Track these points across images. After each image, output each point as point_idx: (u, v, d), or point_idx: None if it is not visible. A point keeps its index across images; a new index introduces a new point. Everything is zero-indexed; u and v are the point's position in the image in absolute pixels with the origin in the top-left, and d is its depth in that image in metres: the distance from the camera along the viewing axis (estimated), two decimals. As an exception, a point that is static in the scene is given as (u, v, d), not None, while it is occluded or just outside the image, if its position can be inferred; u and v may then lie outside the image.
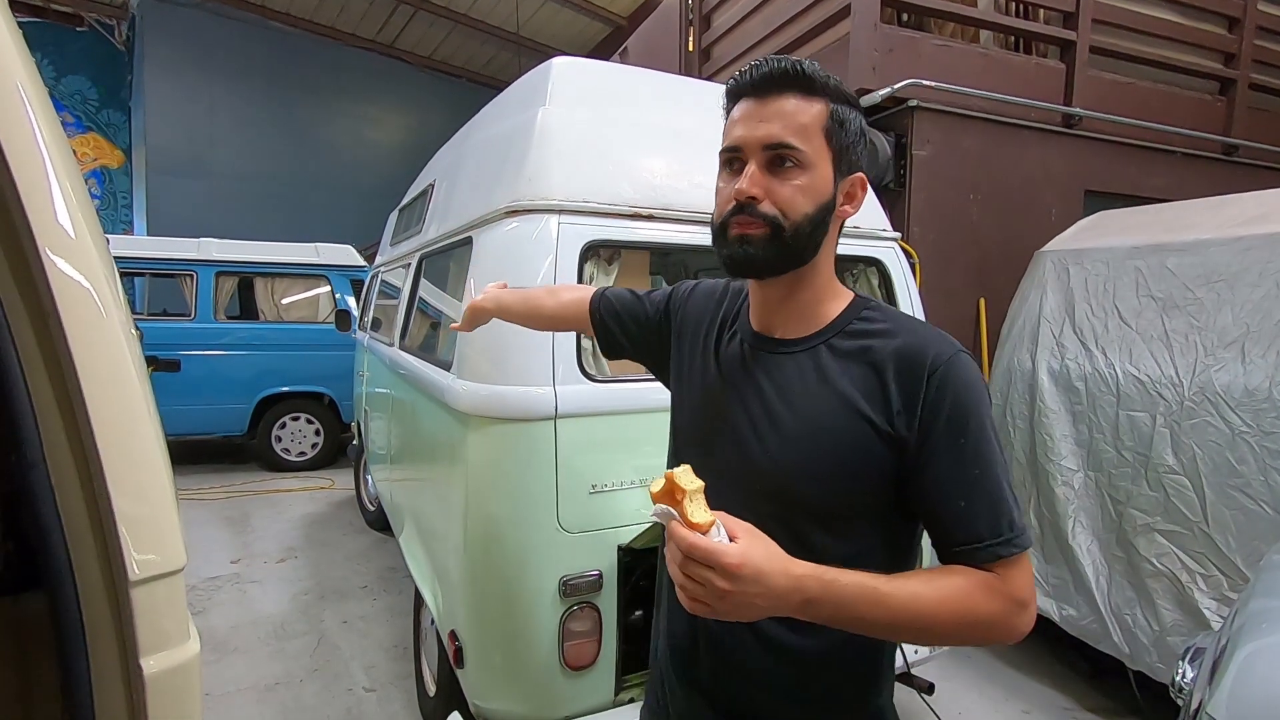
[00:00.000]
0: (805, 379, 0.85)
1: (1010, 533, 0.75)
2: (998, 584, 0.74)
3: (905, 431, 0.78)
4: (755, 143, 0.80)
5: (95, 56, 10.19)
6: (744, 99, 0.83)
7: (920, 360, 0.79)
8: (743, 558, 0.66)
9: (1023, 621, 0.75)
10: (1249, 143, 4.52)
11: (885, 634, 0.75)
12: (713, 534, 0.67)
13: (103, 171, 10.34)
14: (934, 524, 0.79)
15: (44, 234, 0.65)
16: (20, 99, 0.66)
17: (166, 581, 0.69)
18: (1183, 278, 2.36)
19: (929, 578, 0.74)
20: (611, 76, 2.13)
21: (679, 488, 0.67)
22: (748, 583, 0.66)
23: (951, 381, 0.78)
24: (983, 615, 0.73)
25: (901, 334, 0.82)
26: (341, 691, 2.66)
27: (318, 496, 5.23)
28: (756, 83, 0.82)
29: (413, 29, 11.07)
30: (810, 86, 0.80)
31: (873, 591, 0.71)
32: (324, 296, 6.10)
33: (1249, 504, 2.05)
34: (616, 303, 1.15)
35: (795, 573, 0.69)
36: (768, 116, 0.80)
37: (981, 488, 0.76)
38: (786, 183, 0.80)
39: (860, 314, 0.87)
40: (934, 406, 0.77)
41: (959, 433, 0.77)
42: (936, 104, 3.49)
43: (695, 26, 5.09)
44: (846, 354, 0.84)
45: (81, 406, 0.66)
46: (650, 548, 1.80)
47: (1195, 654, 1.41)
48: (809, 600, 0.69)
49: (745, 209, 0.81)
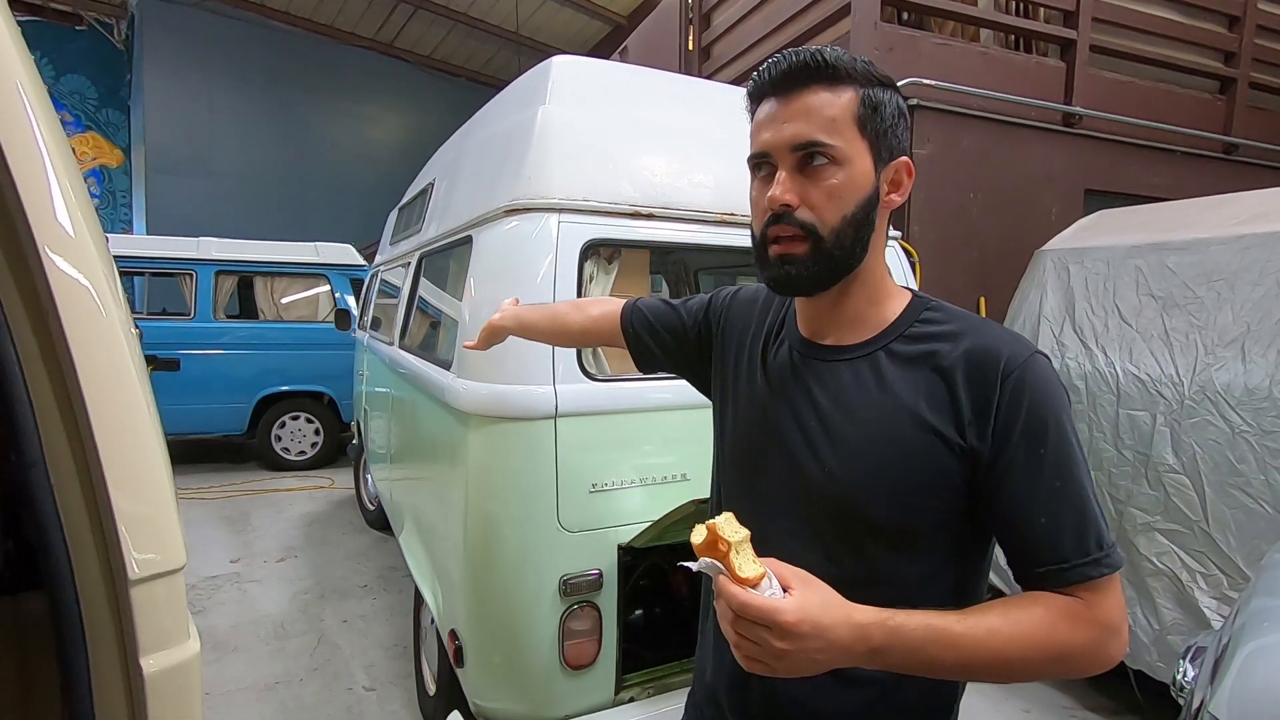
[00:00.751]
0: (864, 388, 0.78)
1: (1099, 551, 0.68)
2: (1084, 610, 0.67)
3: (978, 443, 0.71)
4: (782, 145, 0.75)
5: (94, 55, 10.18)
6: (766, 99, 0.78)
7: (993, 364, 0.72)
8: (800, 614, 0.60)
9: (1115, 649, 0.68)
10: (1249, 141, 4.52)
11: (959, 675, 0.69)
12: (763, 586, 0.62)
13: (102, 170, 10.33)
14: (1012, 543, 0.72)
15: (43, 233, 0.65)
16: (20, 98, 0.66)
17: (166, 580, 0.69)
18: (1183, 276, 2.36)
19: (1005, 610, 0.67)
20: (611, 75, 2.13)
21: (723, 539, 0.62)
22: (808, 639, 0.61)
23: (1028, 386, 0.71)
24: (1069, 648, 0.66)
25: (970, 335, 0.75)
26: (341, 690, 2.66)
27: (317, 496, 5.23)
28: (777, 80, 0.76)
29: (412, 28, 11.07)
30: (835, 75, 0.74)
31: (943, 633, 0.64)
32: (324, 295, 6.09)
33: (1249, 503, 2.05)
34: (650, 313, 1.08)
35: (857, 620, 0.63)
36: (793, 115, 0.74)
37: (1065, 502, 0.69)
38: (820, 184, 0.74)
39: (921, 315, 0.80)
40: (1009, 414, 0.70)
41: (1038, 442, 0.70)
42: (937, 103, 3.49)
43: (695, 25, 5.08)
44: (909, 359, 0.77)
45: (81, 405, 0.65)
46: (650, 547, 1.80)
47: (1196, 653, 1.41)
48: (875, 650, 0.64)
49: (781, 218, 0.75)
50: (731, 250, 1.97)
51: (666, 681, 1.87)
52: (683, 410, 1.79)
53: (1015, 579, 0.73)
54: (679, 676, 1.88)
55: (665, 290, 4.57)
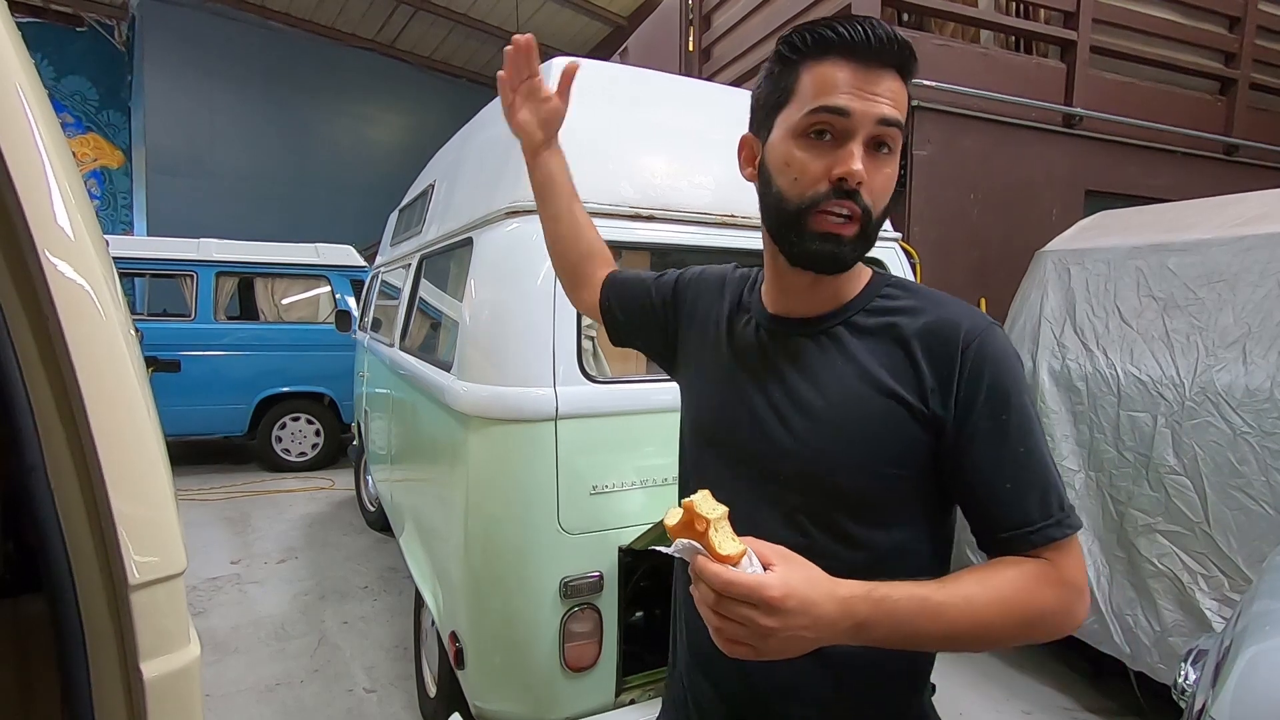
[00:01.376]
0: (828, 359, 0.78)
1: (1061, 512, 0.70)
2: (1052, 572, 0.69)
3: (941, 411, 0.72)
4: (870, 116, 0.70)
5: (95, 57, 10.19)
6: (843, 59, 0.70)
7: (952, 335, 0.73)
8: (786, 588, 0.59)
9: (1081, 608, 0.70)
10: (1250, 142, 4.52)
11: (941, 646, 0.69)
12: (744, 565, 0.59)
13: (102, 172, 10.33)
14: (977, 508, 0.74)
15: (43, 235, 0.65)
16: (19, 99, 0.66)
17: (167, 585, 0.69)
18: (1184, 278, 2.35)
19: (980, 577, 0.68)
20: (611, 76, 2.13)
21: (700, 517, 0.59)
22: (794, 615, 0.59)
23: (989, 356, 0.72)
24: (1042, 609, 0.68)
25: (929, 309, 0.76)
26: (342, 692, 2.66)
27: (318, 497, 5.22)
28: (869, 47, 0.69)
29: (413, 29, 11.07)
30: (910, 72, 0.73)
31: (925, 602, 0.65)
32: (324, 297, 6.09)
33: (1250, 504, 2.05)
34: (624, 288, 1.07)
35: (842, 594, 0.62)
36: (883, 91, 0.70)
37: (1028, 467, 0.71)
38: (882, 170, 0.72)
39: (881, 291, 0.81)
40: (972, 383, 0.72)
41: (1001, 409, 0.71)
42: (937, 104, 3.49)
43: (695, 26, 5.08)
44: (870, 331, 0.78)
45: (81, 408, 0.65)
46: (650, 548, 1.79)
47: (1198, 656, 1.41)
48: (860, 624, 0.63)
49: (850, 195, 0.71)
50: (732, 252, 1.96)
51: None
52: (683, 412, 1.79)
53: (979, 545, 0.75)
54: (680, 678, 1.88)
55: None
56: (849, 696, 0.81)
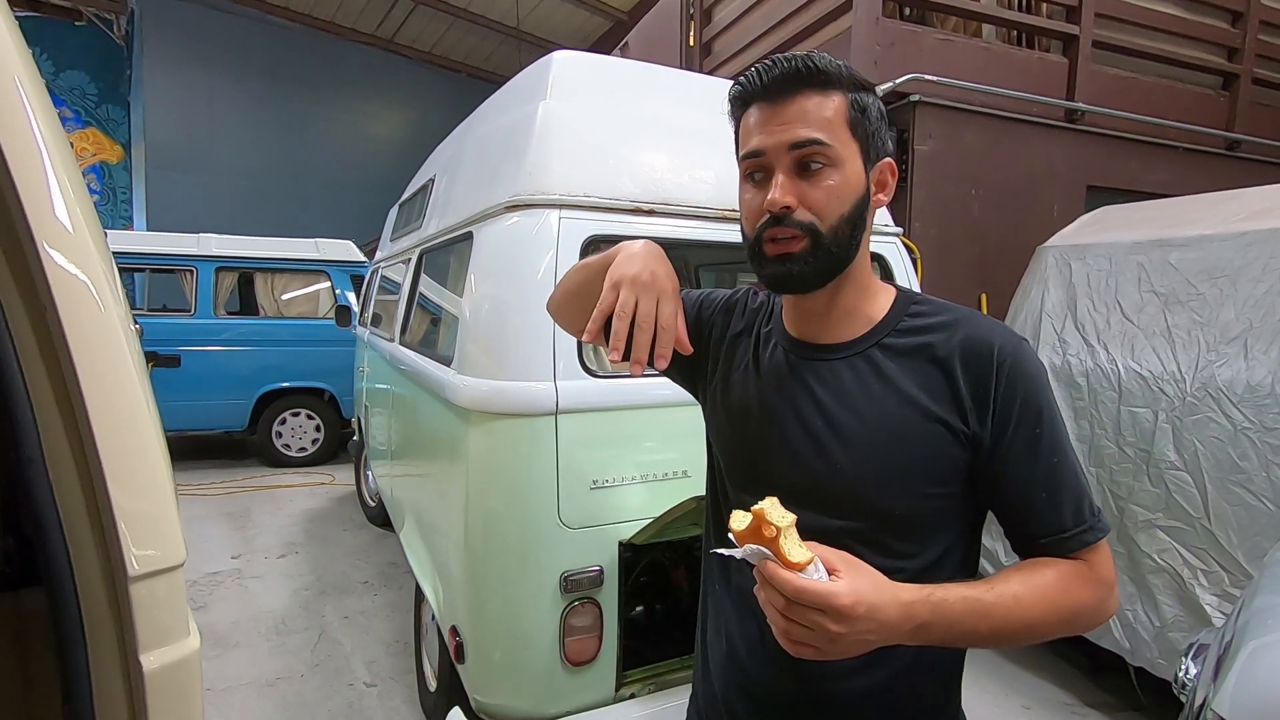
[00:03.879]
0: (864, 383, 0.80)
1: (1092, 517, 0.75)
2: (1087, 571, 0.74)
3: (979, 428, 0.76)
4: (780, 147, 0.75)
5: (94, 51, 10.14)
6: (756, 104, 0.78)
7: (987, 353, 0.76)
8: (855, 595, 0.62)
9: (1113, 602, 0.76)
10: (1252, 138, 4.51)
11: (989, 644, 0.73)
12: (810, 571, 0.62)
13: (102, 167, 10.30)
14: (1014, 518, 0.78)
15: (42, 229, 0.65)
16: (18, 94, 0.66)
17: (166, 577, 0.69)
18: (1185, 273, 2.35)
19: (1024, 577, 0.72)
20: (612, 70, 2.12)
21: (769, 523, 0.61)
22: (862, 621, 0.62)
23: (1022, 372, 0.76)
24: (1080, 606, 0.73)
25: (961, 325, 0.79)
26: (342, 686, 2.66)
27: (318, 492, 5.23)
28: (769, 86, 0.76)
29: (412, 23, 11.04)
30: (826, 80, 0.75)
31: (977, 603, 0.68)
32: (324, 292, 6.09)
33: (1251, 500, 2.05)
34: None
35: (904, 599, 0.65)
36: (789, 118, 0.75)
37: (1061, 477, 0.75)
38: (819, 185, 0.75)
39: (909, 310, 0.83)
40: (1008, 400, 0.75)
41: (1034, 423, 0.75)
42: (938, 99, 3.48)
43: (696, 21, 5.07)
44: (904, 352, 0.80)
45: (80, 402, 0.65)
46: (650, 543, 1.79)
47: (1199, 651, 1.41)
48: (920, 626, 0.66)
49: (780, 220, 0.75)
50: (733, 246, 1.96)
51: (667, 678, 1.87)
52: (684, 407, 1.77)
53: (1014, 548, 0.80)
54: (679, 673, 1.88)
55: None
56: (898, 697, 0.82)
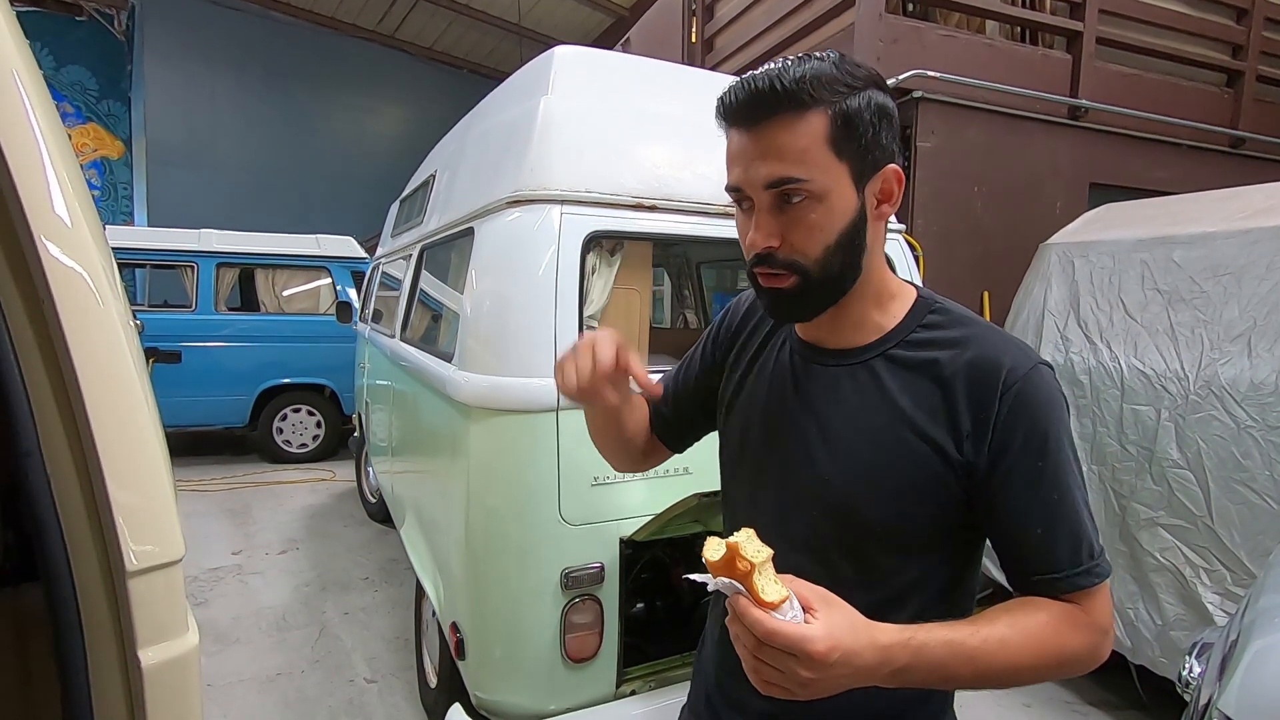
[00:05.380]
0: (863, 395, 0.77)
1: (1090, 561, 0.71)
2: (1081, 616, 0.70)
3: (974, 456, 0.72)
4: (756, 185, 0.72)
5: (95, 46, 10.14)
6: (734, 129, 0.74)
7: (993, 376, 0.71)
8: (830, 641, 0.58)
9: (1105, 648, 0.72)
10: (1256, 135, 4.49)
11: (973, 686, 0.69)
12: (785, 609, 0.58)
13: (103, 162, 10.31)
14: (1008, 550, 0.74)
15: (40, 223, 0.64)
16: (17, 88, 0.65)
17: (165, 572, 0.68)
18: (1189, 271, 2.34)
19: (1012, 619, 0.69)
20: (614, 66, 2.11)
21: (743, 558, 0.58)
22: (836, 667, 0.59)
23: (1029, 400, 0.71)
24: (1071, 652, 0.69)
25: (973, 344, 0.74)
26: (343, 683, 2.66)
27: (319, 488, 5.23)
28: (741, 111, 0.72)
29: (414, 19, 11.02)
30: (799, 101, 0.69)
31: (960, 647, 0.65)
32: (325, 288, 6.09)
33: (1254, 498, 2.04)
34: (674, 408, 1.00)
35: (882, 642, 0.63)
36: (763, 151, 0.71)
37: (1060, 515, 0.71)
38: (800, 222, 0.71)
39: (925, 319, 0.78)
40: (1008, 427, 0.71)
41: (1037, 455, 0.71)
42: (941, 95, 3.46)
43: (698, 17, 5.05)
44: (909, 366, 0.76)
45: (78, 396, 0.65)
46: (651, 540, 1.79)
47: (1202, 649, 1.40)
48: (898, 670, 0.63)
49: (764, 259, 0.74)
50: (735, 243, 1.95)
51: (668, 675, 1.87)
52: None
53: (1008, 581, 0.76)
54: (680, 670, 1.88)
55: (666, 283, 4.55)
56: (881, 709, 0.81)
